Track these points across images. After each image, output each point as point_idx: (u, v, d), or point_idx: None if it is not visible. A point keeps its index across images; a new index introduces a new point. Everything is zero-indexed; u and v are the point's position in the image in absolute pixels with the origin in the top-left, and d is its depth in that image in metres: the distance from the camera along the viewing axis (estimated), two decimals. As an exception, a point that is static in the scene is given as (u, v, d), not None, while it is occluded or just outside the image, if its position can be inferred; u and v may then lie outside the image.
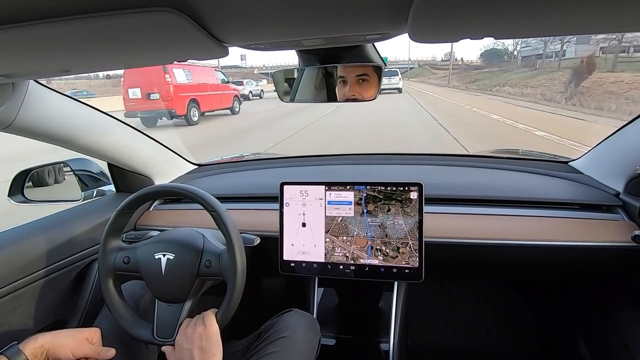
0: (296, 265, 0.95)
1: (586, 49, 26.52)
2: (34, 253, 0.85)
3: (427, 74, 63.09)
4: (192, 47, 0.46)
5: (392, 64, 63.42)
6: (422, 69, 74.06)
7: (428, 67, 73.23)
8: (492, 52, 52.71)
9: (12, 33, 0.37)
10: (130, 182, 1.13)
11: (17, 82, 0.71)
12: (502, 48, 50.57)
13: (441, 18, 0.37)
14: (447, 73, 41.82)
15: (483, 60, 58.83)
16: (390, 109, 11.42)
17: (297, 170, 1.35)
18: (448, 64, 71.58)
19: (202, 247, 0.75)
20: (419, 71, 70.92)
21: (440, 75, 50.23)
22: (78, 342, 0.65)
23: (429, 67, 74.22)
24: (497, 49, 51.06)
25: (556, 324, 1.29)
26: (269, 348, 0.74)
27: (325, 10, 0.37)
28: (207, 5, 0.35)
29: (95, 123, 0.94)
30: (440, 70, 64.60)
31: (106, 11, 0.34)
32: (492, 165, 1.21)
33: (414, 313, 1.41)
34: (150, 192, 0.79)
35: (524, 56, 43.20)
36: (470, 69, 49.63)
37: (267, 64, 76.97)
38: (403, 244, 0.89)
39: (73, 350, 0.64)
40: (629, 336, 0.93)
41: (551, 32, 0.45)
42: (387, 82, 18.91)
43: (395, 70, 20.53)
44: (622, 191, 0.94)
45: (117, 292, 0.76)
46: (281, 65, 59.60)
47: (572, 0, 0.32)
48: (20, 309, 0.82)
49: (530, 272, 1.10)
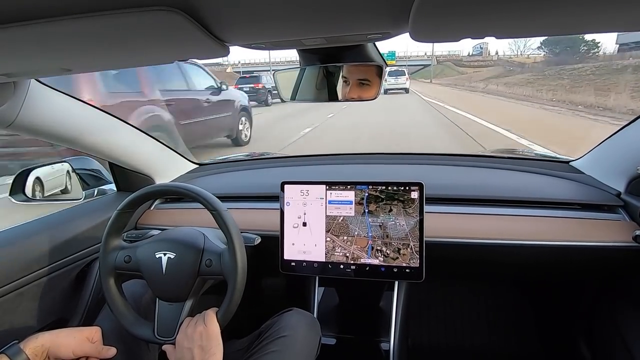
0: (297, 264, 0.95)
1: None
2: (35, 252, 0.85)
3: (452, 73, 47.50)
4: (193, 46, 0.46)
5: (402, 60, 52.21)
6: (443, 66, 55.37)
7: (451, 65, 55.73)
8: (559, 41, 30.91)
9: (13, 32, 0.37)
10: (131, 181, 1.13)
11: (18, 81, 0.71)
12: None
13: (442, 17, 0.37)
14: (478, 72, 31.94)
15: (549, 52, 38.32)
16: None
17: (298, 169, 1.35)
18: (478, 60, 54.21)
19: (202, 247, 0.76)
20: (439, 69, 52.56)
21: (472, 76, 34.66)
22: (79, 341, 0.66)
23: (451, 64, 56.24)
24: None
25: (557, 324, 1.29)
26: (269, 347, 0.75)
27: (326, 9, 0.37)
28: (209, 4, 0.35)
29: (97, 122, 0.94)
30: (469, 68, 48.95)
31: (107, 10, 0.34)
32: (493, 165, 1.20)
33: (415, 313, 1.41)
34: (151, 191, 0.79)
35: (622, 43, 25.82)
36: (523, 68, 33.35)
37: (244, 60, 56.65)
38: (404, 245, 0.89)
39: (74, 349, 0.64)
40: (631, 336, 0.93)
41: (553, 32, 0.45)
42: (394, 82, 18.67)
43: (402, 70, 20.06)
44: (623, 191, 0.94)
45: (118, 291, 0.76)
46: (260, 64, 49.99)
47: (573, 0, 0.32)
48: (22, 308, 0.83)
49: (531, 272, 1.10)
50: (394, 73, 19.13)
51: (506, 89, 19.41)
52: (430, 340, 1.41)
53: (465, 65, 54.96)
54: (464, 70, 47.79)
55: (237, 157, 1.67)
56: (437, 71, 50.82)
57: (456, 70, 50.71)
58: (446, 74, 48.04)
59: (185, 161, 1.34)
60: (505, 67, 39.68)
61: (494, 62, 51.97)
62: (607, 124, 7.49)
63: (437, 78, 43.57)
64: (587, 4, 0.33)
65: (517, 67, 37.28)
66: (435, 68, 52.71)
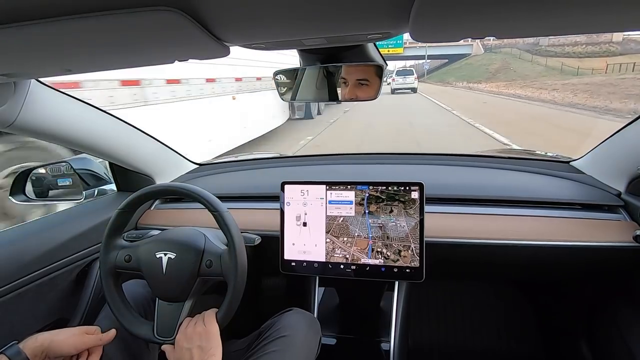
0: (297, 264, 0.95)
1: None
2: (36, 252, 0.85)
3: (522, 70, 24.58)
4: (193, 46, 0.46)
5: (410, 49, 31.57)
6: (501, 55, 30.48)
7: (521, 53, 29.71)
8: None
9: (13, 32, 0.37)
10: (131, 181, 1.13)
11: (18, 81, 0.71)
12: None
13: (442, 17, 0.37)
14: (598, 69, 16.11)
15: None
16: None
17: (298, 169, 1.35)
18: (583, 44, 25.78)
19: (203, 247, 0.75)
20: (492, 61, 28.91)
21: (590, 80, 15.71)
22: (78, 336, 0.66)
23: (521, 51, 30.31)
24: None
25: (557, 324, 1.29)
26: (269, 347, 0.75)
27: (326, 9, 0.37)
28: (209, 4, 0.35)
29: (97, 122, 0.94)
30: (565, 58, 25.78)
31: (108, 10, 0.34)
32: (493, 164, 1.20)
33: (415, 313, 1.41)
34: (152, 191, 0.79)
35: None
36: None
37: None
38: (405, 246, 0.89)
39: (75, 343, 0.64)
40: (631, 336, 0.93)
41: (553, 32, 0.45)
42: (402, 82, 18.75)
43: (410, 69, 20.11)
44: (623, 191, 0.94)
45: (118, 290, 0.76)
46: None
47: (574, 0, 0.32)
48: (22, 308, 0.83)
49: (532, 272, 1.10)
50: (402, 73, 19.32)
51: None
52: (431, 340, 1.41)
53: (550, 53, 28.39)
54: (556, 64, 24.14)
55: (237, 157, 1.67)
56: (488, 66, 26.98)
57: (534, 63, 26.23)
58: (513, 70, 24.08)
59: (185, 161, 1.34)
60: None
61: (617, 46, 25.64)
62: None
63: (492, 82, 22.94)
64: (587, 4, 0.33)
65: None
66: (485, 59, 29.00)
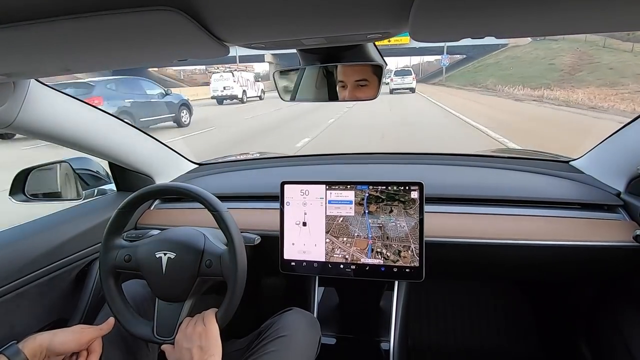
0: (296, 264, 0.95)
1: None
2: (35, 252, 0.85)
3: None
4: (193, 46, 0.46)
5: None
6: (572, 43, 21.15)
7: (612, 40, 19.46)
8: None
9: (13, 32, 0.37)
10: (131, 181, 1.13)
11: (18, 81, 0.71)
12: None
13: (442, 17, 0.37)
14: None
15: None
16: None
17: (298, 169, 1.35)
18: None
19: (203, 247, 0.75)
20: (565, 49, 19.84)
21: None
22: (78, 332, 0.66)
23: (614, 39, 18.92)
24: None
25: (557, 324, 1.29)
26: (269, 347, 0.75)
27: (326, 9, 0.37)
28: (208, 4, 0.35)
29: (97, 122, 0.94)
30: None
31: (108, 10, 0.34)
32: (493, 164, 1.20)
33: (415, 313, 1.41)
34: (151, 191, 0.79)
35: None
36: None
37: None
38: (404, 247, 0.89)
39: (76, 339, 0.64)
40: (631, 336, 0.93)
41: (553, 32, 0.45)
42: (400, 82, 18.85)
43: (408, 69, 20.09)
44: (623, 191, 0.94)
45: (117, 290, 0.76)
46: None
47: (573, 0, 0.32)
48: (22, 308, 0.83)
49: (531, 271, 1.10)
50: (400, 73, 19.37)
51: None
52: (430, 340, 1.41)
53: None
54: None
55: (237, 157, 1.67)
56: (552, 60, 20.08)
57: (636, 53, 18.43)
58: (608, 67, 17.22)
59: (185, 161, 1.34)
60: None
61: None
62: None
63: (574, 86, 14.97)
64: (588, 3, 0.33)
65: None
66: (541, 51, 21.61)
